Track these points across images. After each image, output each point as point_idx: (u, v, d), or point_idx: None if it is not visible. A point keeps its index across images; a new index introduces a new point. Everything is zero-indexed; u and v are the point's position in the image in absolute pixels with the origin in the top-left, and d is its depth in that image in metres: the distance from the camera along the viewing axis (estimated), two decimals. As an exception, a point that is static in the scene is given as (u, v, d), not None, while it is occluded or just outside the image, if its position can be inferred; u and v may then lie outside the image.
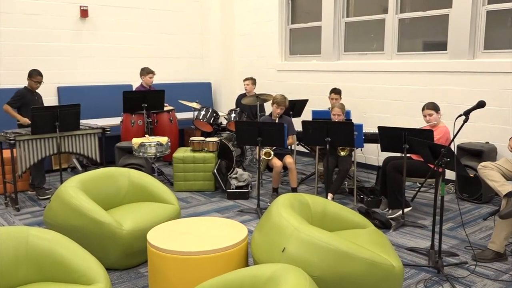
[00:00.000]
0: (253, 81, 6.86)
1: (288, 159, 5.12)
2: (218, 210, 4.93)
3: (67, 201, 3.47)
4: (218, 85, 8.52)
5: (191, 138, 5.73)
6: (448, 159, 3.32)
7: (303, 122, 4.75)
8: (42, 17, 6.79)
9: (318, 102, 6.94)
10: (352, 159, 5.30)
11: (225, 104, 8.23)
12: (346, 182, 5.45)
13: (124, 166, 5.31)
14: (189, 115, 7.07)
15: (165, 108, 6.48)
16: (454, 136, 3.37)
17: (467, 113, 3.35)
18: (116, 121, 6.50)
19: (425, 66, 5.92)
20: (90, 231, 3.37)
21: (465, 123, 3.33)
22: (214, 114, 6.37)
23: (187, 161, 5.55)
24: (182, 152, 5.65)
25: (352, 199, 5.24)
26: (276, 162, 5.09)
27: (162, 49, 8.07)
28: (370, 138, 5.53)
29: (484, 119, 5.39)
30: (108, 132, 5.48)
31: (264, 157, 5.06)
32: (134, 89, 6.78)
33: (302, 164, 7.03)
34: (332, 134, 4.57)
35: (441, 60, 5.81)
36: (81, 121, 5.26)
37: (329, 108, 5.77)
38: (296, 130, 5.56)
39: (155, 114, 6.49)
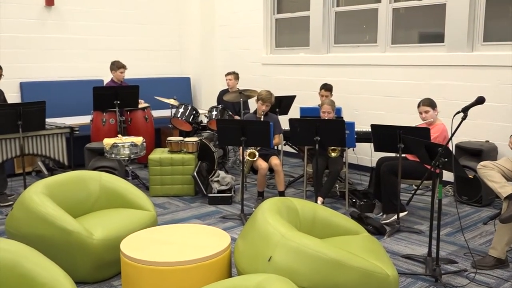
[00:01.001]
0: (236, 75, 6.86)
1: (274, 161, 5.14)
2: (199, 217, 4.93)
3: (31, 208, 3.43)
4: (198, 80, 8.51)
5: (168, 138, 5.71)
6: (446, 159, 3.32)
7: (291, 120, 4.75)
8: (2, 5, 6.71)
9: (307, 98, 6.93)
10: (344, 160, 5.31)
11: (205, 101, 8.22)
12: (337, 185, 5.45)
13: (95, 169, 5.25)
14: (166, 113, 7.02)
15: (140, 106, 6.45)
16: (452, 135, 3.38)
17: (465, 110, 3.35)
18: (85, 119, 6.44)
19: (421, 59, 5.97)
20: (57, 241, 3.34)
21: (464, 121, 3.33)
22: (194, 112, 6.36)
23: (164, 163, 5.54)
24: (158, 154, 5.64)
25: (343, 203, 5.25)
26: (262, 164, 5.10)
27: (136, 41, 8.06)
28: (363, 137, 5.54)
29: (484, 116, 5.44)
30: (76, 132, 5.44)
31: (248, 158, 5.05)
32: (104, 85, 6.76)
33: (289, 166, 7.04)
34: (322, 133, 4.57)
35: (438, 53, 5.86)
36: (46, 120, 5.19)
37: (318, 105, 5.75)
38: (283, 129, 5.56)
39: (128, 112, 6.47)
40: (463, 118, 3.34)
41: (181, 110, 6.32)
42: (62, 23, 7.25)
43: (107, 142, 5.20)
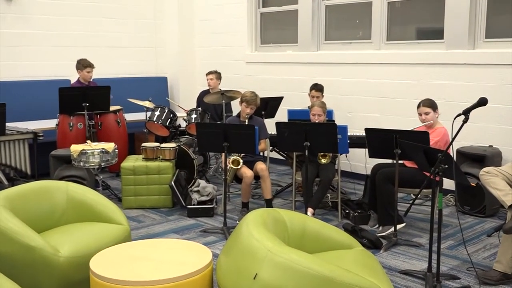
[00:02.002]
0: (218, 75, 6.88)
1: (260, 165, 5.17)
2: (177, 231, 4.93)
3: (-11, 222, 3.39)
4: (175, 80, 8.51)
5: (143, 144, 5.72)
6: (446, 166, 3.34)
7: (278, 124, 4.76)
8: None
9: (295, 100, 6.96)
10: (336, 167, 5.33)
11: (184, 103, 8.13)
12: (328, 195, 5.46)
13: (61, 178, 5.24)
14: (140, 116, 7.02)
15: (111, 108, 6.41)
16: (453, 139, 3.40)
17: (467, 112, 3.37)
18: (50, 124, 6.42)
19: (419, 57, 6.01)
20: (19, 259, 3.30)
21: (465, 124, 3.35)
22: (171, 115, 6.34)
23: (139, 172, 5.53)
24: (132, 161, 5.64)
25: (336, 215, 5.27)
26: (246, 172, 5.10)
27: (107, 37, 8.02)
28: (356, 142, 5.57)
29: (487, 119, 5.50)
30: (40, 138, 5.43)
31: (231, 166, 5.06)
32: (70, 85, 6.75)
33: (276, 174, 7.06)
34: (312, 138, 4.57)
35: (437, 50, 5.90)
36: (7, 124, 5.18)
37: (308, 107, 5.82)
38: (270, 133, 5.59)
39: (98, 116, 6.47)
40: (464, 121, 3.35)
41: (157, 113, 6.29)
42: (23, 17, 7.20)
43: (75, 149, 5.16)
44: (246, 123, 5.15)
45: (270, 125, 5.47)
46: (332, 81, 6.75)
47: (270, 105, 6.37)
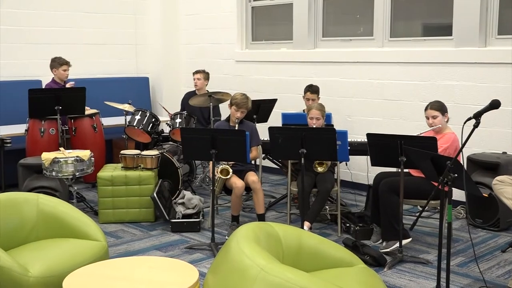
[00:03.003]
0: (206, 75, 6.88)
1: (252, 177, 5.13)
2: (160, 247, 4.91)
3: (-49, 239, 3.37)
4: (158, 81, 8.50)
5: (122, 152, 5.69)
6: (456, 175, 3.34)
7: (271, 129, 4.76)
8: None
9: (290, 102, 6.95)
10: (335, 177, 5.34)
11: (167, 106, 7.93)
12: (327, 207, 5.45)
13: (31, 190, 5.21)
14: (119, 120, 6.93)
15: (87, 112, 6.38)
16: (463, 145, 3.41)
17: (478, 116, 3.38)
18: (19, 129, 6.37)
19: (425, 55, 6.00)
20: (-16, 280, 3.27)
21: (476, 128, 3.35)
22: (153, 120, 6.32)
23: (117, 182, 5.50)
24: (110, 171, 5.60)
25: (335, 229, 5.26)
26: (236, 182, 5.08)
27: (81, 33, 7.99)
28: (357, 149, 5.57)
29: (500, 123, 5.50)
30: (8, 145, 5.41)
31: (220, 175, 5.04)
32: (44, 87, 6.69)
33: (270, 184, 7.06)
34: (309, 144, 4.57)
35: (445, 48, 5.90)
36: (-30, 130, 5.14)
37: (303, 111, 5.80)
38: (262, 139, 5.59)
39: (72, 120, 6.44)
40: (475, 126, 3.36)
41: (137, 117, 6.26)
42: (-13, 10, 7.19)
43: (46, 157, 5.11)
44: (236, 128, 5.13)
45: (262, 131, 5.47)
46: (330, 82, 6.74)
47: (262, 109, 6.34)
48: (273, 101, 6.54)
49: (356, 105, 6.64)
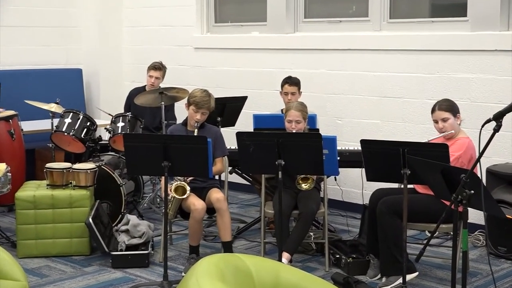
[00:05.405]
0: (164, 71, 6.79)
1: (215, 194, 5.04)
2: (97, 288, 4.71)
3: None
4: (95, 74, 8.38)
5: (47, 165, 5.50)
6: (472, 192, 3.33)
7: (239, 135, 4.63)
8: None
9: (264, 100, 6.93)
10: (321, 195, 5.28)
11: (106, 106, 7.86)
12: (311, 234, 5.40)
13: None
14: (44, 125, 6.80)
15: (1, 115, 6.17)
16: (481, 154, 3.36)
17: (499, 117, 3.32)
18: None
19: (434, 41, 5.92)
20: None
21: (497, 133, 3.30)
22: (88, 124, 6.22)
23: (41, 204, 5.33)
24: (32, 190, 5.44)
25: (322, 262, 5.17)
26: (195, 203, 4.93)
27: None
28: (349, 160, 5.51)
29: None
30: None
31: (174, 195, 4.88)
32: None
33: (239, 205, 6.99)
34: (288, 154, 4.51)
35: (459, 32, 5.82)
36: None
37: (281, 111, 5.79)
38: (229, 148, 5.48)
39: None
40: (496, 130, 3.32)
41: (67, 120, 6.14)
42: None
43: (-51, 172, 4.98)
44: (195, 134, 5.02)
45: (229, 137, 5.36)
46: (314, 75, 6.65)
47: (228, 109, 6.22)
48: (243, 99, 6.46)
49: (347, 104, 6.55)
